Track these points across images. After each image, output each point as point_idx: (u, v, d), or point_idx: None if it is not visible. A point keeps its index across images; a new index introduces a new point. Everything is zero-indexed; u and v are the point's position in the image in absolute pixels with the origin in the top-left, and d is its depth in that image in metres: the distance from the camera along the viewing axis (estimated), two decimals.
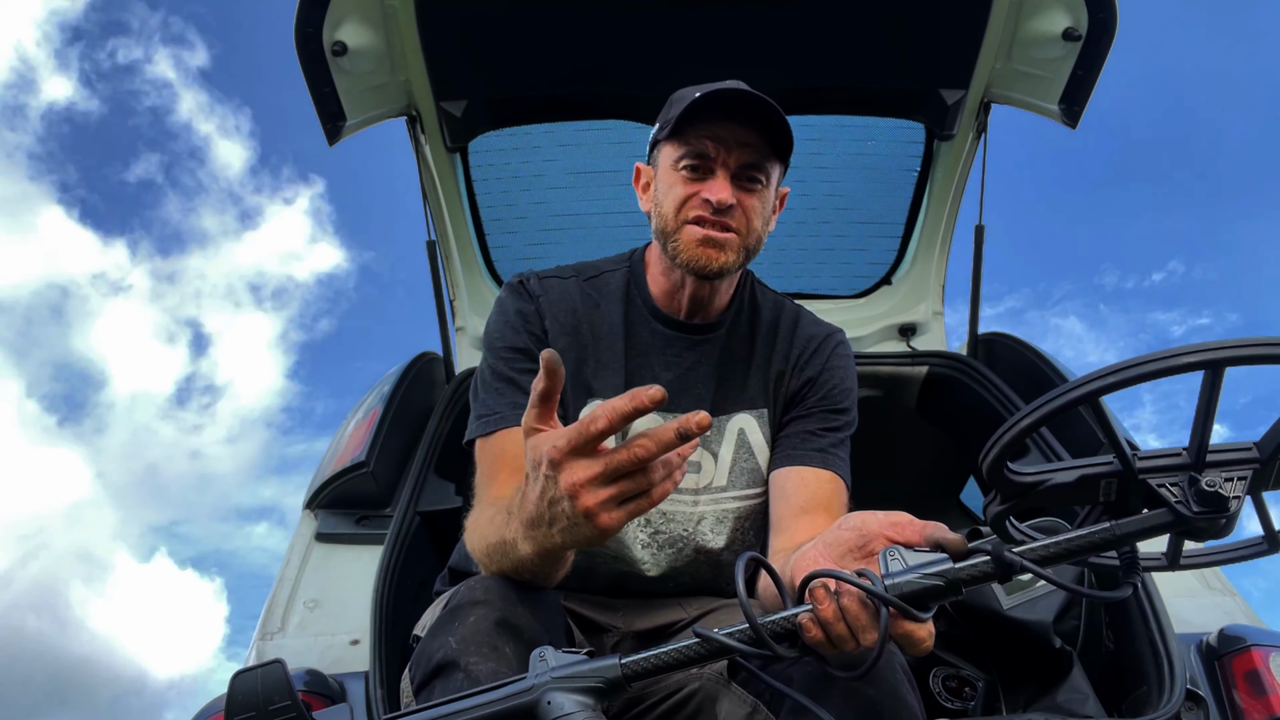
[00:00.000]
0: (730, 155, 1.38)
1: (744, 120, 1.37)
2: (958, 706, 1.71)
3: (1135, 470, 0.81)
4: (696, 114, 1.37)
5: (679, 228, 1.40)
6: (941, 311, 2.96)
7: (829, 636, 0.90)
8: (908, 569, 0.88)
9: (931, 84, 2.46)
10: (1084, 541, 0.84)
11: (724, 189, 1.37)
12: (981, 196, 2.56)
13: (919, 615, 0.87)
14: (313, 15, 2.09)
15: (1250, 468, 0.79)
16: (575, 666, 0.86)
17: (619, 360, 1.49)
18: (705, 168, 1.39)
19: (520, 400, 1.41)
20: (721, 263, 1.39)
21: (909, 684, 1.11)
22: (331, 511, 2.23)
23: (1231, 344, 0.74)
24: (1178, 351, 0.74)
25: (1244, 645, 1.64)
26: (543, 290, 1.53)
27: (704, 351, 1.52)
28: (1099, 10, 2.14)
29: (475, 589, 1.14)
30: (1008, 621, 1.70)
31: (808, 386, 1.53)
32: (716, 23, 2.29)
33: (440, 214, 2.72)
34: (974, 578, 0.87)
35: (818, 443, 1.47)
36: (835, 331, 1.61)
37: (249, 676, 0.90)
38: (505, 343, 1.48)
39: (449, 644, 1.06)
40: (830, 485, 1.44)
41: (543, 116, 2.56)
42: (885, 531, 0.96)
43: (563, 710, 0.83)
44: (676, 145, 1.41)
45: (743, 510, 1.51)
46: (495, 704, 0.85)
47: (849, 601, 0.90)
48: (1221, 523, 0.79)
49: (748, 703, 1.27)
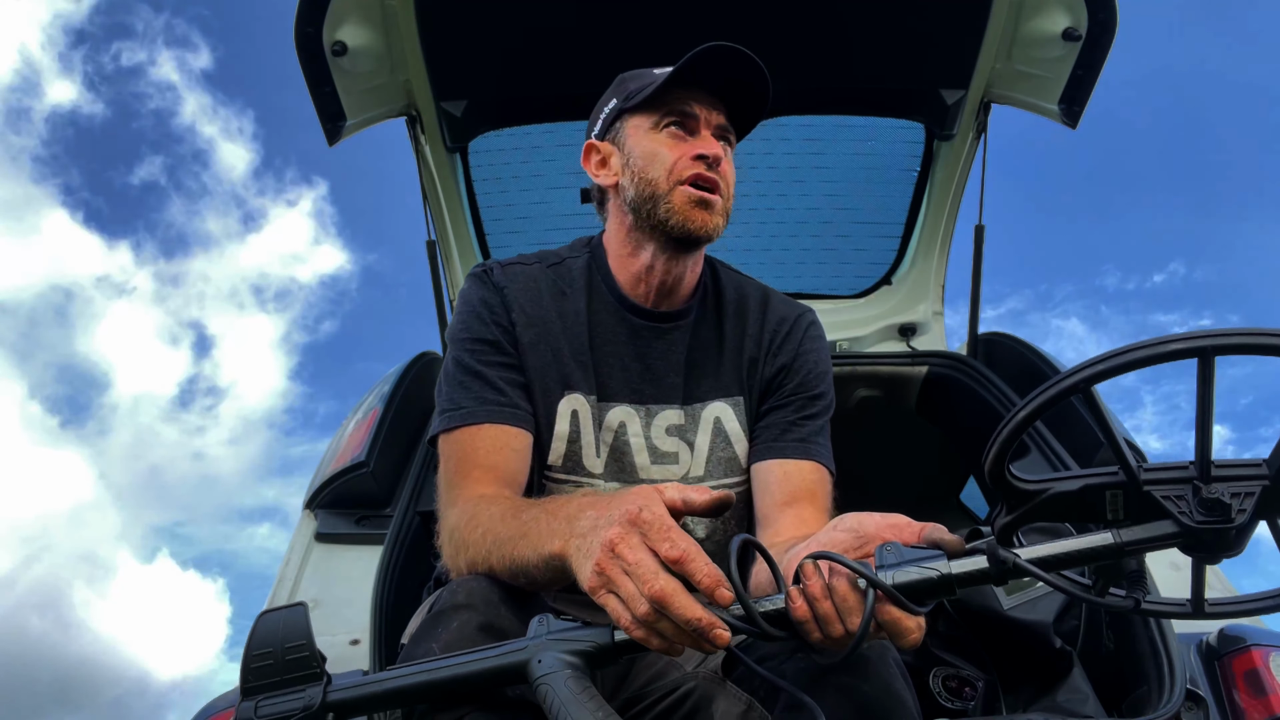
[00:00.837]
0: (711, 115, 1.41)
1: (713, 88, 1.41)
2: (958, 706, 1.71)
3: (1140, 481, 0.81)
4: (676, 80, 1.39)
5: (671, 189, 1.38)
6: (941, 311, 2.96)
7: (815, 615, 0.91)
8: (904, 560, 0.89)
9: (931, 84, 2.46)
10: (1085, 547, 0.84)
11: (715, 144, 1.39)
12: (981, 196, 2.56)
13: (907, 603, 0.87)
14: (313, 15, 2.09)
15: (1258, 484, 0.78)
16: (571, 630, 0.90)
17: (585, 353, 1.46)
18: (689, 127, 1.41)
19: (487, 395, 1.38)
20: (712, 226, 1.38)
21: (903, 679, 1.11)
22: (331, 511, 2.23)
23: (1220, 332, 0.73)
24: (1167, 339, 0.74)
25: (1244, 645, 1.64)
26: (507, 280, 1.48)
27: (672, 340, 1.49)
28: (1099, 10, 2.14)
29: (458, 593, 1.12)
30: (1008, 621, 1.70)
31: (782, 373, 1.50)
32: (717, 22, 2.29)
33: (440, 214, 2.72)
34: (969, 577, 0.87)
35: (797, 432, 1.46)
36: (805, 311, 1.58)
37: (272, 617, 0.91)
38: (471, 334, 1.44)
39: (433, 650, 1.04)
40: (814, 475, 1.43)
41: (543, 116, 2.56)
42: (883, 533, 0.96)
43: (550, 669, 0.86)
44: (651, 112, 1.42)
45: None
46: (490, 659, 0.89)
47: (838, 581, 0.90)
48: (1231, 534, 0.78)
49: (743, 700, 1.27)
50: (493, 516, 1.19)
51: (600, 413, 1.45)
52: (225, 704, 1.57)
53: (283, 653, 0.89)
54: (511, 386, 1.41)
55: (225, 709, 1.56)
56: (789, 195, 2.82)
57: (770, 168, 2.74)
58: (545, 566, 1.05)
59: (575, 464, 1.44)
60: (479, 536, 1.19)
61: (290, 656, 0.89)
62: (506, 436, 1.37)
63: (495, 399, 1.39)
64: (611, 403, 1.46)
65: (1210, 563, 0.83)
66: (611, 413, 1.46)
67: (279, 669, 0.88)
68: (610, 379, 1.47)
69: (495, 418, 1.37)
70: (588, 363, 1.45)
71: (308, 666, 0.89)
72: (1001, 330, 2.70)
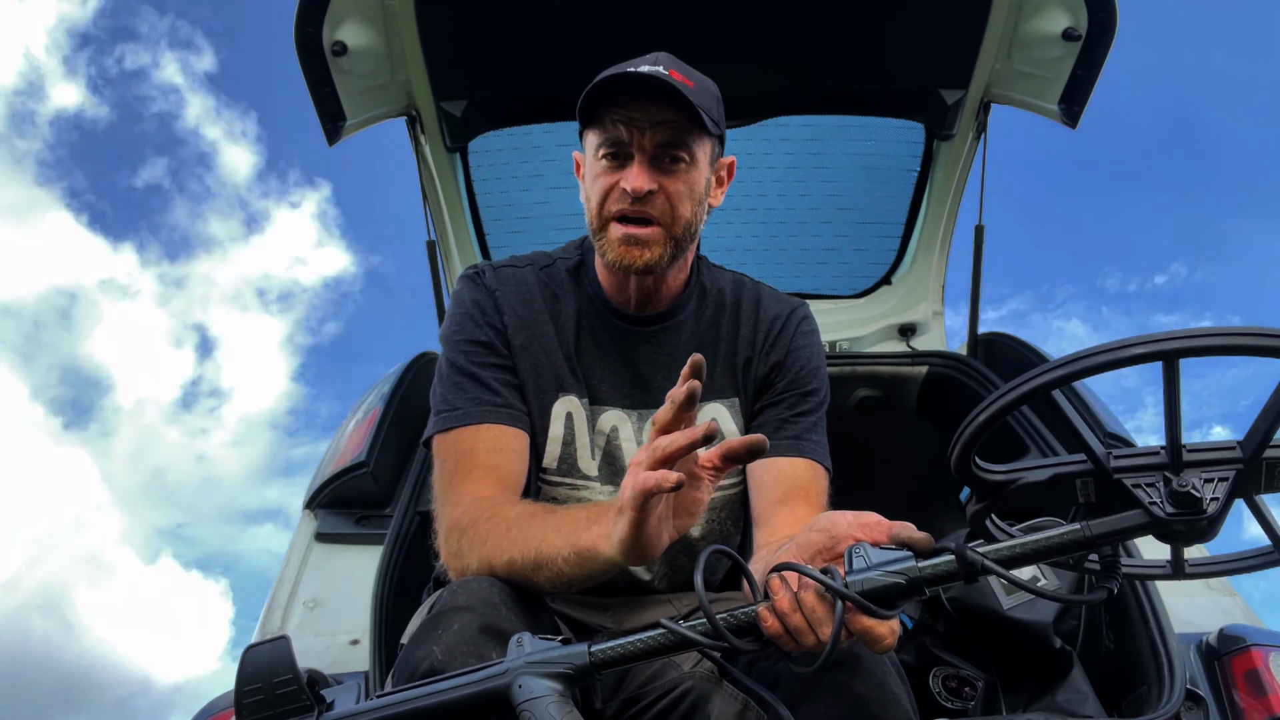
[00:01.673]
0: (645, 137, 1.30)
1: (657, 96, 1.28)
2: (958, 706, 1.72)
3: (1109, 470, 0.80)
4: (607, 98, 1.30)
5: (603, 225, 1.35)
6: (941, 311, 2.96)
7: (786, 629, 0.91)
8: (871, 566, 0.88)
9: (931, 84, 2.46)
10: (1054, 542, 0.83)
11: (639, 176, 1.30)
12: (981, 196, 2.56)
13: (876, 610, 0.86)
14: (313, 15, 2.09)
15: (1233, 468, 0.77)
16: (547, 652, 0.90)
17: (574, 357, 1.46)
18: (623, 154, 1.32)
19: (483, 395, 1.38)
20: (646, 260, 1.33)
21: (898, 677, 1.11)
22: (331, 511, 2.23)
23: (1184, 334, 0.72)
24: (1130, 342, 0.73)
25: (1244, 645, 1.64)
26: (499, 283, 1.48)
27: (660, 343, 1.48)
28: (1099, 10, 2.14)
29: (458, 594, 1.12)
30: (1008, 621, 1.70)
31: (776, 371, 1.49)
32: (717, 23, 2.29)
33: (440, 214, 2.72)
34: (937, 577, 0.86)
35: (791, 430, 1.45)
36: (798, 307, 1.56)
37: (258, 651, 0.92)
38: (464, 336, 1.44)
39: (434, 653, 1.04)
40: (808, 473, 1.42)
41: (543, 116, 2.56)
42: (854, 532, 0.96)
43: (533, 694, 0.86)
44: (595, 132, 1.34)
45: (719, 500, 1.49)
46: (471, 685, 0.89)
47: (806, 595, 0.90)
48: (1202, 525, 0.77)
49: (739, 700, 1.27)
50: (519, 514, 1.20)
51: (594, 416, 1.45)
52: (224, 704, 1.58)
53: (271, 687, 0.90)
54: (506, 387, 1.41)
55: (224, 709, 1.56)
56: (789, 195, 2.81)
57: (770, 168, 2.74)
58: (576, 559, 1.08)
59: (570, 466, 1.44)
60: (503, 531, 1.19)
61: (279, 691, 0.90)
62: (505, 437, 1.37)
63: (491, 399, 1.39)
64: (604, 406, 1.46)
65: (1185, 546, 0.83)
66: (604, 417, 1.46)
67: (270, 703, 0.89)
68: (601, 383, 1.47)
69: (492, 418, 1.38)
70: (576, 366, 1.45)
71: (296, 700, 0.90)
72: (1002, 330, 2.70)
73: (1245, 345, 0.72)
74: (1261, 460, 0.77)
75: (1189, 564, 0.88)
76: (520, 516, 1.20)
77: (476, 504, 1.27)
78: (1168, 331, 0.72)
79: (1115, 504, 0.81)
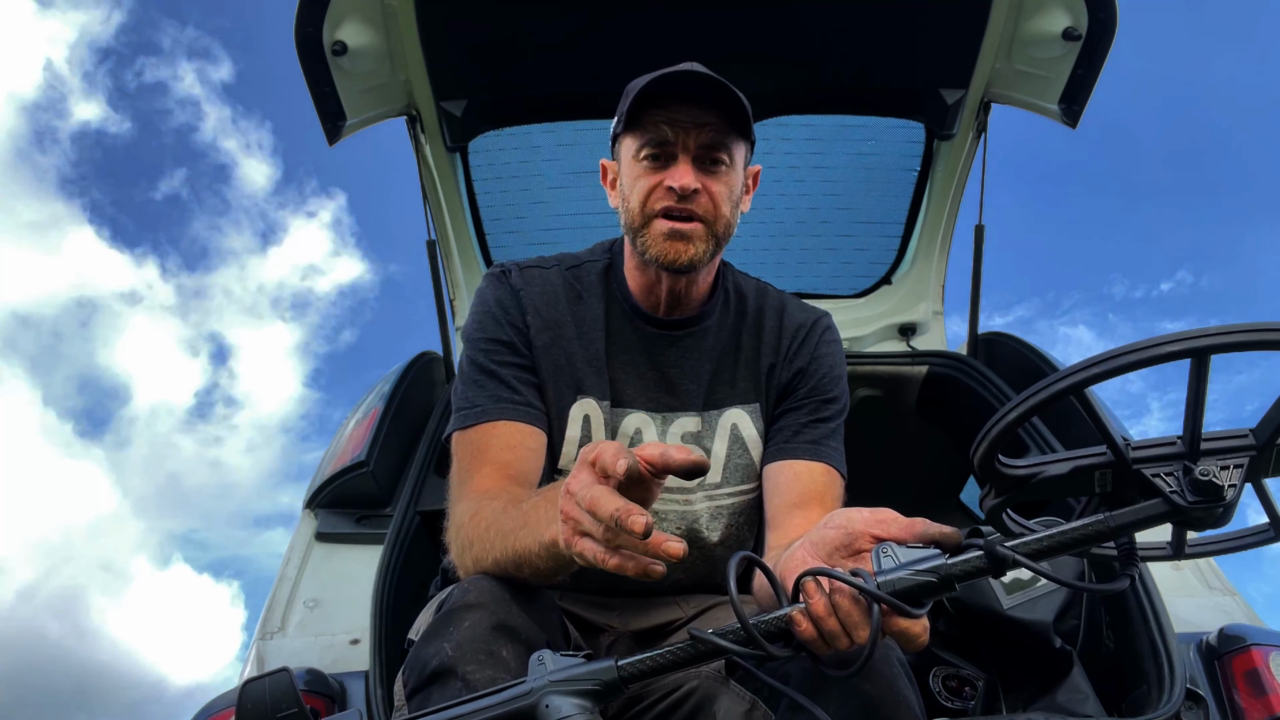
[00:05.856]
0: (689, 137, 1.33)
1: (699, 100, 1.32)
2: (958, 706, 1.71)
3: (1129, 460, 0.81)
4: (650, 100, 1.33)
5: (646, 223, 1.37)
6: (941, 311, 2.96)
7: (821, 633, 0.90)
8: (900, 565, 0.88)
9: (931, 84, 2.46)
10: (1078, 534, 0.84)
11: (686, 174, 1.33)
12: (981, 196, 2.56)
13: (912, 611, 0.87)
14: (313, 15, 2.09)
15: (1246, 455, 0.78)
16: (572, 670, 0.87)
17: (600, 360, 1.46)
18: (666, 154, 1.35)
19: (502, 393, 1.39)
20: (691, 255, 1.35)
21: (907, 678, 1.11)
22: (331, 511, 2.23)
23: (1215, 331, 0.73)
24: (1161, 340, 0.73)
25: (1244, 645, 1.64)
26: (524, 283, 1.49)
27: (687, 347, 1.49)
28: (1099, 10, 2.14)
29: (469, 591, 1.12)
30: (1008, 621, 1.70)
31: (798, 378, 1.50)
32: (717, 22, 2.29)
33: (440, 214, 2.72)
34: (967, 573, 0.87)
35: (809, 434, 1.46)
36: (822, 316, 1.57)
37: (257, 685, 0.91)
38: (486, 334, 1.45)
39: (445, 650, 1.04)
40: (824, 478, 1.43)
41: (543, 116, 2.56)
42: (870, 529, 0.96)
43: (561, 713, 0.84)
44: (635, 136, 1.37)
45: (737, 505, 1.50)
46: (495, 708, 0.86)
47: (841, 598, 0.90)
48: (1219, 511, 0.78)
49: (746, 700, 1.27)
50: (495, 510, 1.19)
51: (615, 419, 1.46)
52: (224, 704, 1.57)
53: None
54: (525, 386, 1.42)
55: (224, 709, 1.56)
56: (789, 195, 2.81)
57: (770, 168, 2.74)
58: (547, 555, 1.05)
59: None
60: (482, 531, 1.19)
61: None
62: (520, 434, 1.38)
63: (510, 397, 1.40)
64: (627, 409, 1.47)
65: (1199, 531, 0.84)
66: (627, 419, 1.47)
67: None
68: (626, 386, 1.47)
69: (509, 415, 1.38)
70: (603, 369, 1.46)
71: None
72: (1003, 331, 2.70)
73: (1276, 340, 0.72)
74: (1275, 446, 0.79)
75: (1189, 545, 0.89)
76: (495, 514, 1.18)
77: (473, 500, 1.27)
78: (1200, 329, 0.73)
79: (1129, 494, 0.82)
